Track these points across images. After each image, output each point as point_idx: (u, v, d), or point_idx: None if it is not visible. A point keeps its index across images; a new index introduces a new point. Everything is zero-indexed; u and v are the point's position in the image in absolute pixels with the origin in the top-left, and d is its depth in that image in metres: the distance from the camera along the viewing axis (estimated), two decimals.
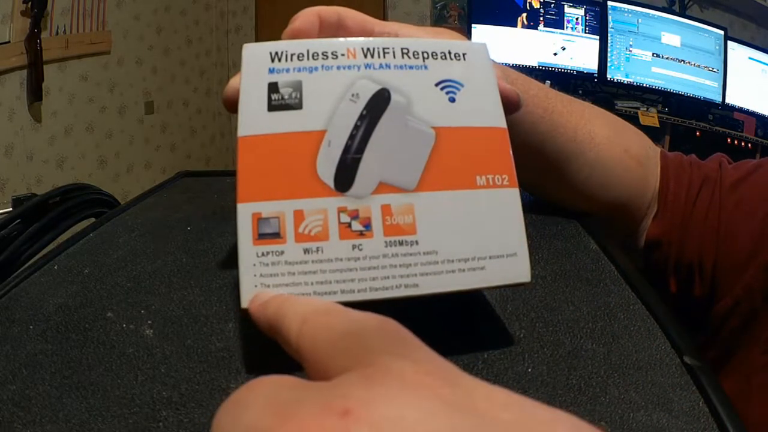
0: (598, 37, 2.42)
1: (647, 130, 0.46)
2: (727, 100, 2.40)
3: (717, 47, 2.39)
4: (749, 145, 2.40)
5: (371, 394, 0.14)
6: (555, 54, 2.44)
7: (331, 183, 0.23)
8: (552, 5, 2.43)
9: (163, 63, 2.52)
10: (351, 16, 0.29)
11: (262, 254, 0.22)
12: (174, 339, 0.26)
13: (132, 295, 0.30)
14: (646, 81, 2.41)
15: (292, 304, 0.20)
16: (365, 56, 0.25)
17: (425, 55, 0.26)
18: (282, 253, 0.22)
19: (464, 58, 0.26)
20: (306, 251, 0.22)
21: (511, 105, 0.28)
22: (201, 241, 0.36)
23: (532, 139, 0.38)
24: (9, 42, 1.72)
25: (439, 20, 2.75)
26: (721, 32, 2.40)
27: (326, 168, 0.23)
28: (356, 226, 0.23)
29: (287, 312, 0.19)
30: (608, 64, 2.40)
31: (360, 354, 0.16)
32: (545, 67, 2.44)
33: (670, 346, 0.26)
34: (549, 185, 0.41)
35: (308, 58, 0.25)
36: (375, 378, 0.14)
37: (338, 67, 0.25)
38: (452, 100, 0.25)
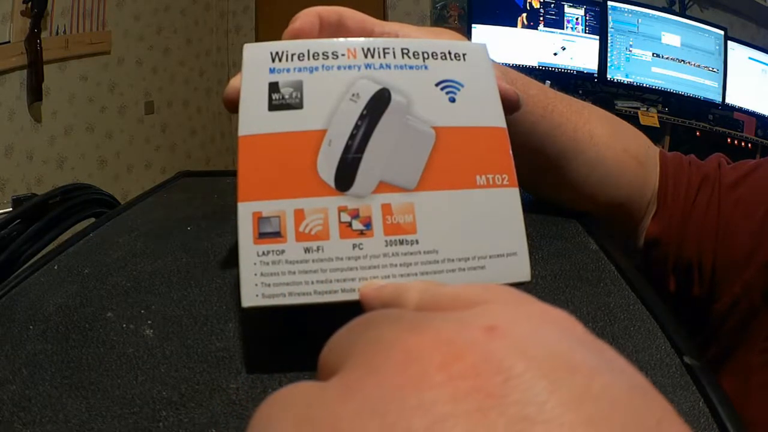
0: (598, 37, 2.41)
1: (647, 130, 0.46)
2: (727, 100, 2.40)
3: (717, 47, 2.39)
4: (749, 145, 2.40)
5: (517, 316, 0.14)
6: (555, 54, 2.44)
7: (331, 182, 0.23)
8: (552, 5, 2.43)
9: (163, 63, 2.52)
10: (351, 16, 0.29)
11: (263, 253, 0.22)
12: (174, 339, 0.26)
13: (132, 295, 0.30)
14: (646, 81, 2.41)
15: (409, 284, 0.20)
16: (365, 56, 0.25)
17: (425, 55, 0.26)
18: (282, 252, 0.22)
19: (464, 59, 0.26)
20: (306, 250, 0.22)
21: (510, 105, 0.28)
22: (201, 241, 0.36)
23: (531, 139, 0.38)
24: (9, 42, 1.72)
25: (439, 20, 2.75)
26: (721, 32, 2.40)
27: (327, 167, 0.23)
28: (357, 225, 0.23)
29: (405, 288, 0.19)
30: (608, 64, 2.40)
31: (492, 294, 0.16)
32: (545, 67, 2.44)
33: (670, 346, 0.26)
34: (549, 185, 0.41)
35: (309, 58, 0.25)
36: (518, 307, 0.15)
37: (339, 67, 0.25)
38: (452, 100, 0.25)
